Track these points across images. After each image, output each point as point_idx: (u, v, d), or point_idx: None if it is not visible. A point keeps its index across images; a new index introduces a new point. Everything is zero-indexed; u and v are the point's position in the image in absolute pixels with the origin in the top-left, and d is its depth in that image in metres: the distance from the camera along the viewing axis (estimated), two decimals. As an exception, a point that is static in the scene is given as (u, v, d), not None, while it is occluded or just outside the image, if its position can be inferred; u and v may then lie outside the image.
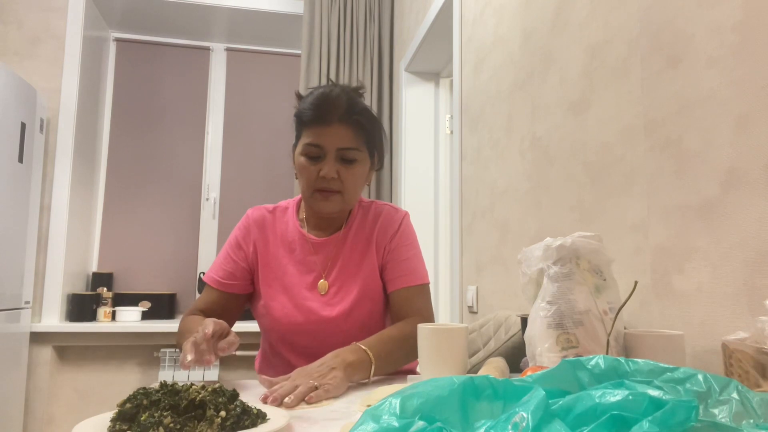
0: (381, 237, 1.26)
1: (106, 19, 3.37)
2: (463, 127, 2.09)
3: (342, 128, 1.15)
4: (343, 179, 1.17)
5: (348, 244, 1.25)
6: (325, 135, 1.15)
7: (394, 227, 1.27)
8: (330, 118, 1.15)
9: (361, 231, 1.27)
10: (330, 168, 1.15)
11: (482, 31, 1.93)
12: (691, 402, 0.38)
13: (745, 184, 0.83)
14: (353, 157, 1.17)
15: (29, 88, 2.67)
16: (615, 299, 0.86)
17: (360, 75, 3.24)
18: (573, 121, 1.32)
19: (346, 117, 1.16)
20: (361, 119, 1.18)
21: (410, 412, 0.42)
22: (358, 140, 1.18)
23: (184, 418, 0.62)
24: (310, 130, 1.16)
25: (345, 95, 1.18)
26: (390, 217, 1.29)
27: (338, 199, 1.18)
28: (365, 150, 1.20)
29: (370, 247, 1.25)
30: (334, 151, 1.16)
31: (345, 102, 1.17)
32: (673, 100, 0.99)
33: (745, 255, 0.83)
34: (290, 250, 1.25)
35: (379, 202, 1.33)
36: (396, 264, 1.25)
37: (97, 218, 3.36)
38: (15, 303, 2.58)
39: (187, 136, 3.54)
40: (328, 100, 1.16)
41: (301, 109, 1.19)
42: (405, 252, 1.26)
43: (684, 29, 0.97)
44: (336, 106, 1.15)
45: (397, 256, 1.25)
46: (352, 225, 1.27)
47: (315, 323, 1.20)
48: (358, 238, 1.26)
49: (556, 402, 0.41)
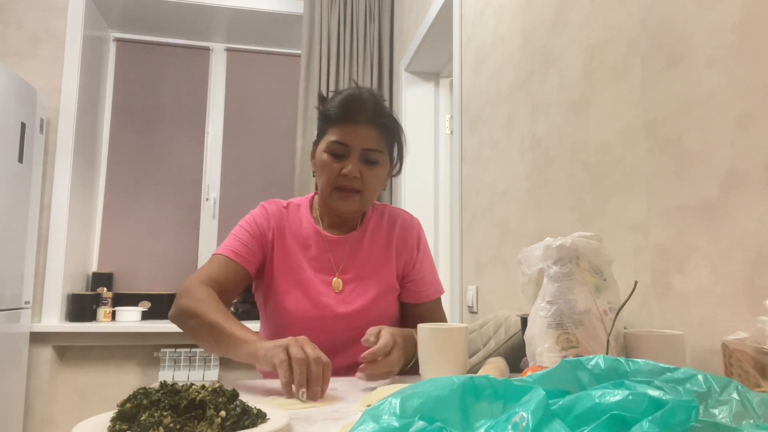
0: (401, 245, 1.29)
1: (106, 19, 3.37)
2: (463, 127, 2.09)
3: (368, 129, 1.18)
4: (365, 179, 1.20)
5: (365, 244, 1.27)
6: (351, 134, 1.17)
7: (414, 237, 1.31)
8: (358, 117, 1.18)
9: (378, 233, 1.29)
10: (354, 166, 1.17)
11: (482, 31, 1.93)
12: (691, 402, 0.38)
13: (745, 184, 0.83)
14: (376, 159, 1.20)
15: (29, 88, 2.67)
16: (615, 299, 0.86)
17: (360, 75, 3.24)
18: (573, 121, 1.32)
19: (373, 119, 1.19)
20: (387, 122, 1.22)
21: (410, 412, 0.42)
22: (381, 143, 1.21)
23: (184, 418, 0.62)
24: (337, 129, 1.19)
25: (372, 99, 1.21)
26: (408, 223, 1.32)
27: (357, 198, 1.21)
28: (387, 154, 1.24)
29: (389, 252, 1.28)
30: (359, 150, 1.18)
31: (372, 105, 1.20)
32: (673, 100, 0.99)
33: (745, 255, 0.83)
34: (305, 246, 1.26)
35: (391, 206, 1.36)
36: (421, 279, 1.30)
37: (97, 218, 3.36)
38: (15, 303, 2.58)
39: (187, 136, 3.54)
40: (358, 100, 1.19)
41: (329, 107, 1.22)
42: (427, 266, 1.32)
43: (684, 29, 0.97)
44: (364, 107, 1.18)
45: (419, 271, 1.30)
46: (368, 226, 1.30)
47: (330, 319, 1.21)
48: (375, 240, 1.29)
49: (556, 402, 0.41)
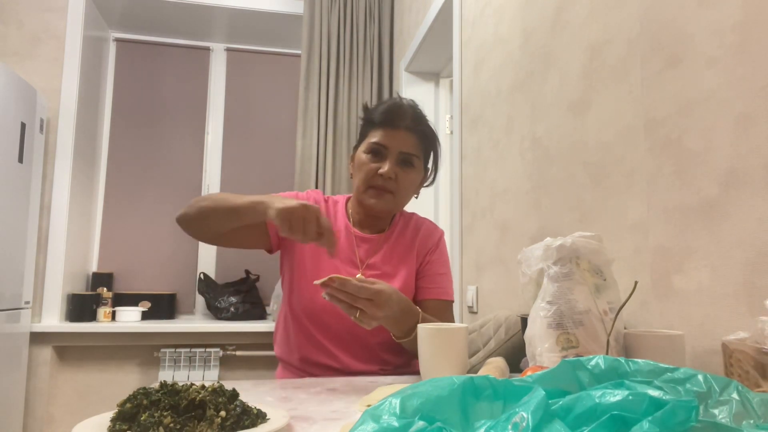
0: (422, 246, 1.35)
1: (106, 19, 3.37)
2: (463, 127, 2.09)
3: (408, 135, 1.26)
4: (399, 181, 1.25)
5: (390, 244, 1.33)
6: (391, 137, 1.25)
7: (434, 240, 1.37)
8: (399, 123, 1.25)
9: (402, 236, 1.35)
10: (390, 167, 1.23)
11: (482, 31, 1.93)
12: (692, 402, 0.38)
13: (745, 184, 0.83)
14: (412, 162, 1.27)
15: (29, 88, 2.67)
16: (615, 299, 0.86)
17: (360, 75, 3.24)
18: (573, 121, 1.32)
19: (412, 126, 1.26)
20: (426, 130, 1.30)
21: (410, 412, 0.42)
22: (418, 149, 1.28)
23: (184, 418, 0.62)
24: (378, 131, 1.26)
25: (413, 109, 1.29)
26: (431, 230, 1.39)
27: (389, 199, 1.26)
28: (422, 160, 1.30)
29: (410, 253, 1.33)
30: (397, 153, 1.25)
31: (413, 114, 1.28)
32: (673, 100, 0.99)
33: (745, 255, 0.83)
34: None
35: (419, 215, 1.43)
36: (432, 276, 1.33)
37: (97, 218, 3.36)
38: (15, 303, 2.58)
39: (187, 136, 3.54)
40: (401, 108, 1.27)
41: (373, 113, 1.29)
42: (441, 267, 1.36)
43: (684, 29, 0.97)
44: (406, 114, 1.26)
45: (433, 268, 1.34)
46: (395, 229, 1.36)
47: None
48: (399, 241, 1.34)
49: (556, 402, 0.41)
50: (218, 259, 3.45)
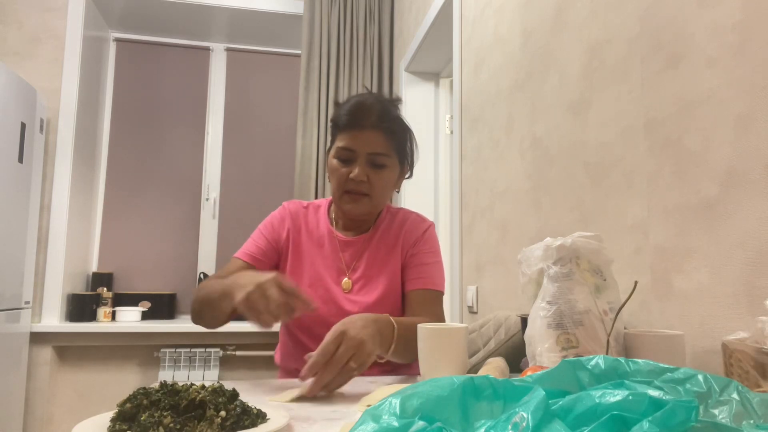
0: (406, 239, 1.32)
1: (106, 19, 3.37)
2: (463, 127, 2.09)
3: (374, 134, 1.21)
4: (372, 183, 1.23)
5: (374, 244, 1.31)
6: (357, 139, 1.21)
7: (419, 232, 1.33)
8: (363, 123, 1.20)
9: (387, 234, 1.33)
10: (360, 171, 1.20)
11: (482, 31, 1.93)
12: (692, 402, 0.38)
13: (745, 184, 0.83)
14: (383, 163, 1.23)
15: (29, 88, 2.67)
16: (615, 299, 0.86)
17: (360, 75, 3.24)
18: (573, 121, 1.32)
19: (378, 123, 1.21)
20: (392, 126, 1.23)
21: (410, 412, 0.42)
22: (388, 146, 1.23)
23: (184, 418, 0.62)
24: (344, 135, 1.22)
25: (379, 104, 1.23)
26: (416, 223, 1.35)
27: (366, 201, 1.24)
28: (395, 157, 1.26)
29: (395, 249, 1.31)
30: (365, 155, 1.21)
31: (378, 110, 1.22)
32: (673, 100, 0.99)
33: (745, 255, 0.83)
34: (319, 245, 1.31)
35: (406, 209, 1.39)
36: (416, 267, 1.29)
37: (97, 218, 3.36)
38: (15, 303, 2.58)
39: (187, 136, 3.54)
40: (363, 107, 1.21)
41: (338, 114, 1.25)
42: (426, 258, 1.31)
43: (684, 29, 0.97)
44: (369, 112, 1.21)
45: (418, 260, 1.30)
46: (379, 227, 1.33)
47: (337, 316, 1.22)
48: (384, 240, 1.32)
49: (556, 402, 0.41)
50: (218, 259, 3.45)
